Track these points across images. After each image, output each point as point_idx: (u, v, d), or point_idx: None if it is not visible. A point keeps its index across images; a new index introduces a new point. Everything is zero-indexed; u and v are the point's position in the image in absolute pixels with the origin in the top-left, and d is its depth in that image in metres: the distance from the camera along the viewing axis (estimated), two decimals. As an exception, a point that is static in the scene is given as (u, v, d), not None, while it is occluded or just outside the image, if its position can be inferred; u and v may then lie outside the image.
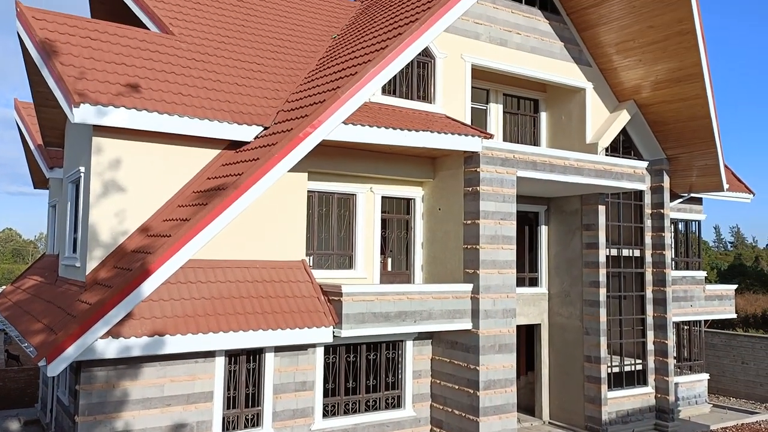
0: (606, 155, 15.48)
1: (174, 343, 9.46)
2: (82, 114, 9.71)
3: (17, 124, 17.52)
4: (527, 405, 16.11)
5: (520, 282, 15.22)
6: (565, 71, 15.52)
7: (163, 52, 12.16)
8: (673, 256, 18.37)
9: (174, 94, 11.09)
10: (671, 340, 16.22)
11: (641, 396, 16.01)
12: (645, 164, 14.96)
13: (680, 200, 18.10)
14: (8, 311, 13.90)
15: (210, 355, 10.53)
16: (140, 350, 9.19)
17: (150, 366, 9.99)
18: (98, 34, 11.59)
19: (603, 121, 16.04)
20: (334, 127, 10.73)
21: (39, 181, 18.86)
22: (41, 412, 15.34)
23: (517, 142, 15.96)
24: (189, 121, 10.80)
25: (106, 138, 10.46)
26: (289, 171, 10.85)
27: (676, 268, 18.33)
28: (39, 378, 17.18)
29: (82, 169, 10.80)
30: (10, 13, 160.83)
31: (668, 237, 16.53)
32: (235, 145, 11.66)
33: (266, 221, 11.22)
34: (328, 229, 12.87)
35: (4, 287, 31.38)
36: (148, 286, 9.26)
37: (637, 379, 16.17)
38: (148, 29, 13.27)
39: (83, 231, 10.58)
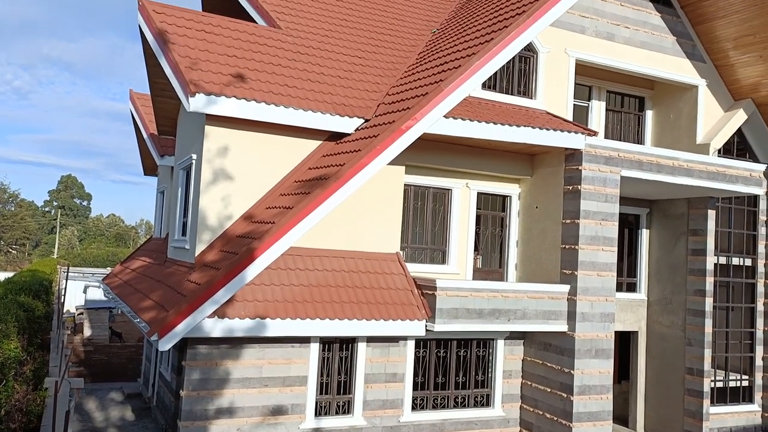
0: (718, 157, 14.58)
1: (274, 327, 9.76)
2: (196, 103, 10.19)
3: (132, 113, 18.64)
4: (620, 415, 15.45)
5: (618, 287, 14.50)
6: (676, 67, 14.74)
7: (271, 45, 12.55)
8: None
9: (280, 86, 11.43)
10: (783, 358, 15.11)
11: (746, 414, 15.00)
12: (762, 167, 13.99)
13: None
14: (119, 289, 14.83)
15: (306, 340, 10.78)
16: (243, 332, 9.55)
17: (250, 347, 10.34)
18: (211, 27, 12.12)
19: (716, 121, 15.11)
20: (435, 120, 10.70)
21: (149, 168, 20.01)
22: (143, 387, 16.26)
23: (620, 141, 15.31)
24: (294, 112, 11.10)
25: (216, 127, 10.92)
26: (387, 164, 10.91)
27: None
28: (141, 354, 18.22)
29: (194, 156, 11.33)
30: (116, 12, 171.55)
31: (785, 246, 15.40)
32: (336, 136, 11.87)
33: (363, 213, 11.35)
34: (423, 223, 12.87)
35: (110, 269, 33.56)
36: (253, 270, 9.60)
37: (742, 395, 15.17)
38: (257, 23, 13.74)
39: (193, 215, 11.10)
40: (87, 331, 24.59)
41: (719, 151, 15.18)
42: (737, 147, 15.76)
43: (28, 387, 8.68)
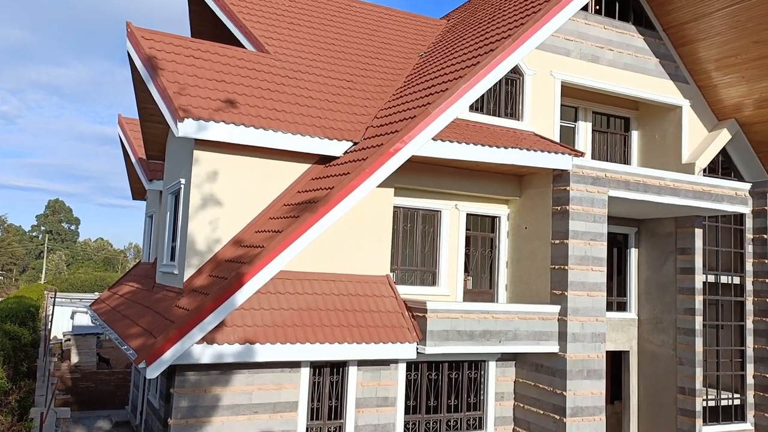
0: (703, 176, 14.75)
1: (263, 352, 9.66)
2: (185, 128, 10.19)
3: (120, 138, 18.61)
4: (613, 435, 15.39)
5: (608, 306, 14.58)
6: (660, 88, 14.96)
7: (259, 69, 12.61)
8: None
9: (269, 110, 11.47)
10: (774, 375, 15.12)
11: (739, 433, 14.98)
12: (748, 186, 14.15)
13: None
14: (106, 315, 14.66)
15: (296, 365, 10.67)
16: (232, 357, 9.44)
17: (239, 373, 10.23)
18: (200, 52, 12.17)
19: (701, 141, 15.31)
20: (424, 143, 10.76)
21: (137, 193, 19.91)
22: (131, 414, 16.01)
23: (607, 162, 15.46)
24: (282, 136, 11.12)
25: (205, 151, 10.91)
26: (376, 186, 10.93)
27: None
28: (129, 381, 17.97)
29: (182, 180, 11.30)
30: (105, 37, 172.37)
31: (772, 264, 15.50)
32: (324, 159, 11.89)
33: (353, 236, 11.33)
34: (413, 245, 12.87)
35: (98, 294, 33.23)
36: (242, 295, 9.52)
37: (734, 414, 15.15)
38: (245, 48, 13.83)
39: (182, 240, 11.04)
40: (74, 358, 24.25)
41: (704, 170, 15.36)
42: (722, 166, 15.95)
43: (13, 417, 8.52)
